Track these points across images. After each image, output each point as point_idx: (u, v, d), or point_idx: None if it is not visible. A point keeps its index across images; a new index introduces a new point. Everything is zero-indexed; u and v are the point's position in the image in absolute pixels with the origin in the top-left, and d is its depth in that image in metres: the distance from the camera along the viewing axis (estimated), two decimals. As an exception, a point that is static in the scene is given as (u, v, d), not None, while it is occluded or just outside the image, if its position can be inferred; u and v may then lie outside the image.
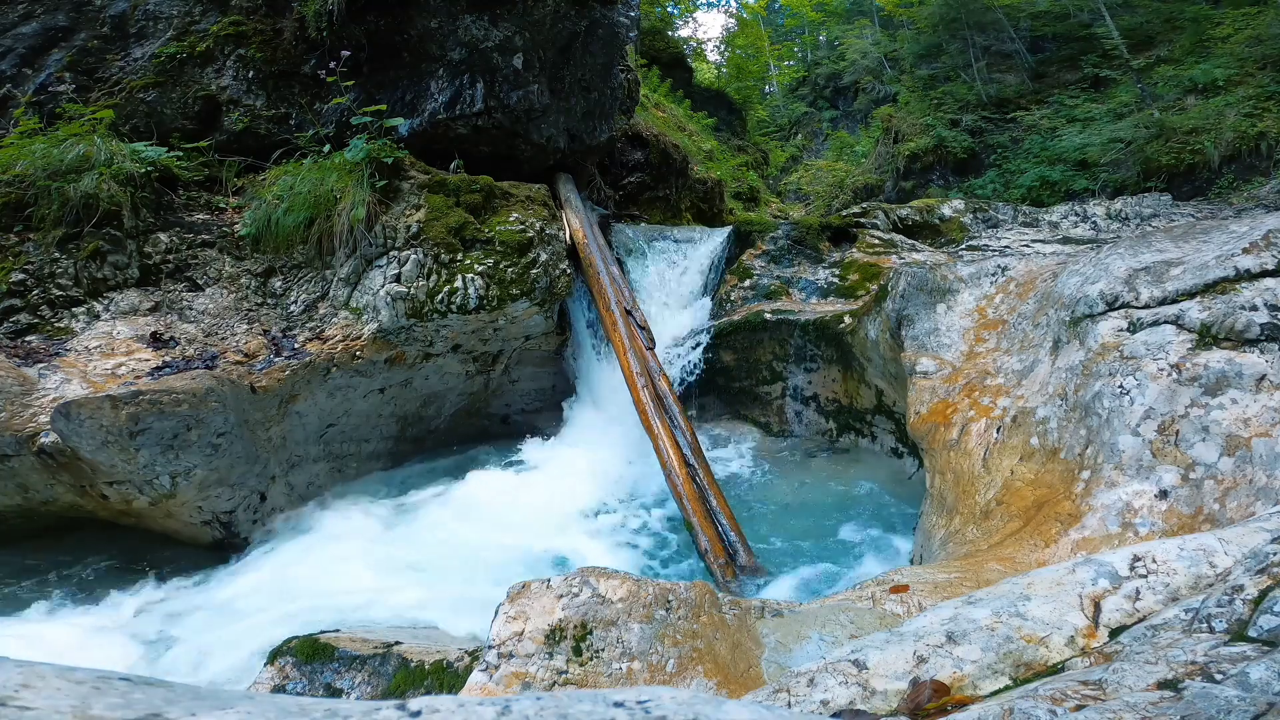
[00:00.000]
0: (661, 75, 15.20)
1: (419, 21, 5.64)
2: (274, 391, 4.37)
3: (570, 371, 6.00)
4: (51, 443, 3.56)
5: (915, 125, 15.47)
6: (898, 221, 7.63)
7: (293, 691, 2.64)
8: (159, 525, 4.09)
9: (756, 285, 6.21)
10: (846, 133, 24.48)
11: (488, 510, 4.55)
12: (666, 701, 0.49)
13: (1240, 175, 9.91)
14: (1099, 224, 7.99)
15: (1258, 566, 1.28)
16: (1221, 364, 2.50)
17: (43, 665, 0.48)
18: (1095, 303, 3.08)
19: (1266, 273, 2.74)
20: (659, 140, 8.61)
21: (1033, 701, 1.04)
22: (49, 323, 4.24)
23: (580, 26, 6.32)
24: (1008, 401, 3.24)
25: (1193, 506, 2.27)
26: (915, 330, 4.09)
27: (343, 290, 4.94)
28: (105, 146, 4.65)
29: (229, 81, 5.55)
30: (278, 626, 3.22)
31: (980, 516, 2.91)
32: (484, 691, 1.80)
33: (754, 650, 1.97)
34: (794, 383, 5.55)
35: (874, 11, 24.88)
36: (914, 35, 18.95)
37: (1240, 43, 11.54)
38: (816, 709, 1.30)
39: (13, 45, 5.43)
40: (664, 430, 4.56)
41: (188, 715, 0.45)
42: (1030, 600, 1.48)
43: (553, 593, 1.99)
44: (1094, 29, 13.90)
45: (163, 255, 4.73)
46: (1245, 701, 0.87)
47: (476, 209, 5.31)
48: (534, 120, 6.20)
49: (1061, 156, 12.33)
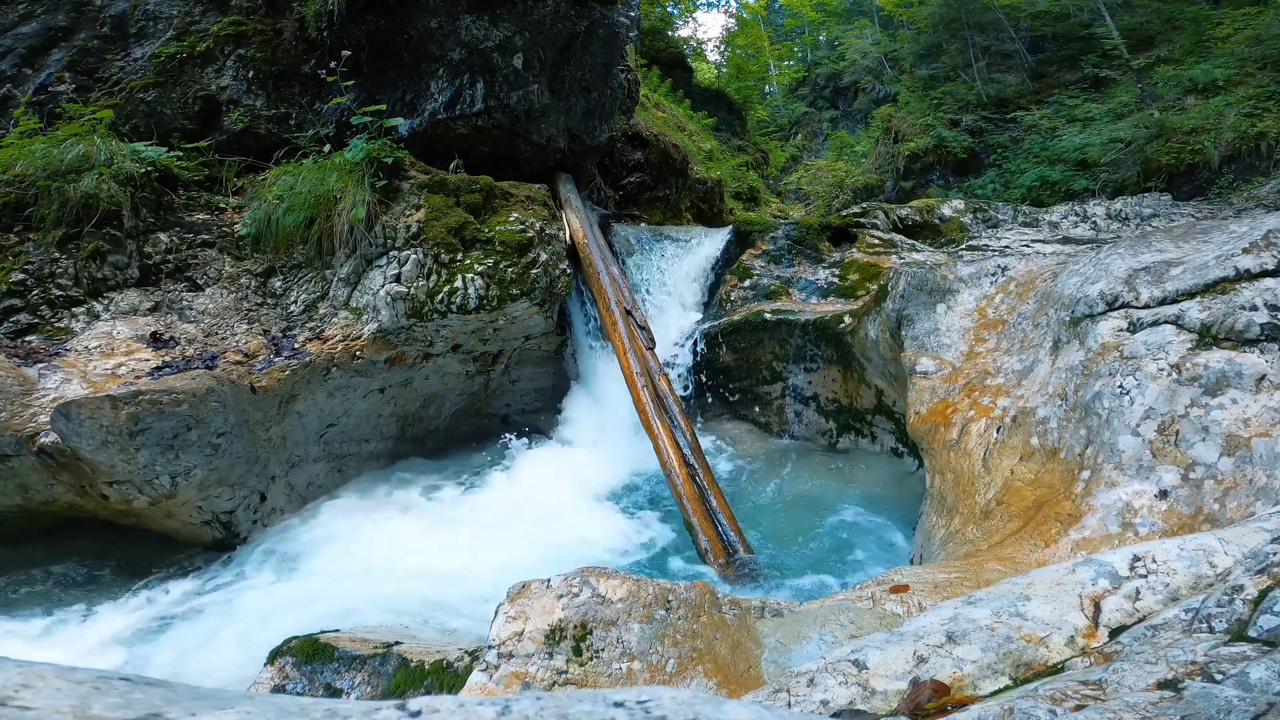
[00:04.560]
0: (661, 75, 15.20)
1: (419, 21, 5.64)
2: (274, 391, 4.37)
3: (570, 372, 6.01)
4: (51, 443, 3.56)
5: (915, 125, 15.46)
6: (898, 221, 7.63)
7: (293, 691, 2.64)
8: (159, 525, 4.09)
9: (756, 285, 6.21)
10: (846, 133, 24.49)
11: (487, 510, 4.55)
12: (666, 701, 0.49)
13: (1240, 175, 9.90)
14: (1099, 224, 7.99)
15: (1258, 566, 1.28)
16: (1221, 364, 2.50)
17: (43, 665, 0.48)
18: (1095, 303, 3.08)
19: (1266, 273, 2.73)
20: (659, 140, 8.61)
21: (1033, 701, 1.04)
22: (49, 323, 4.24)
23: (580, 26, 6.32)
24: (1008, 401, 3.24)
25: (1193, 506, 2.27)
26: (915, 330, 4.09)
27: (343, 290, 4.94)
28: (105, 146, 4.65)
29: (229, 81, 5.55)
30: (277, 626, 3.22)
31: (980, 516, 2.91)
32: (484, 691, 1.79)
33: (754, 650, 1.97)
34: (794, 383, 5.55)
35: (874, 11, 24.88)
36: (914, 35, 18.94)
37: (1240, 43, 11.54)
38: (816, 709, 1.30)
39: (13, 45, 5.43)
40: (664, 430, 4.56)
41: (188, 715, 0.45)
42: (1030, 600, 1.48)
43: (553, 592, 1.99)
44: (1094, 29, 13.89)
45: (163, 255, 4.73)
46: (1245, 701, 0.87)
47: (476, 209, 5.31)
48: (534, 120, 6.20)
49: (1061, 156, 12.32)
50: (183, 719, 0.45)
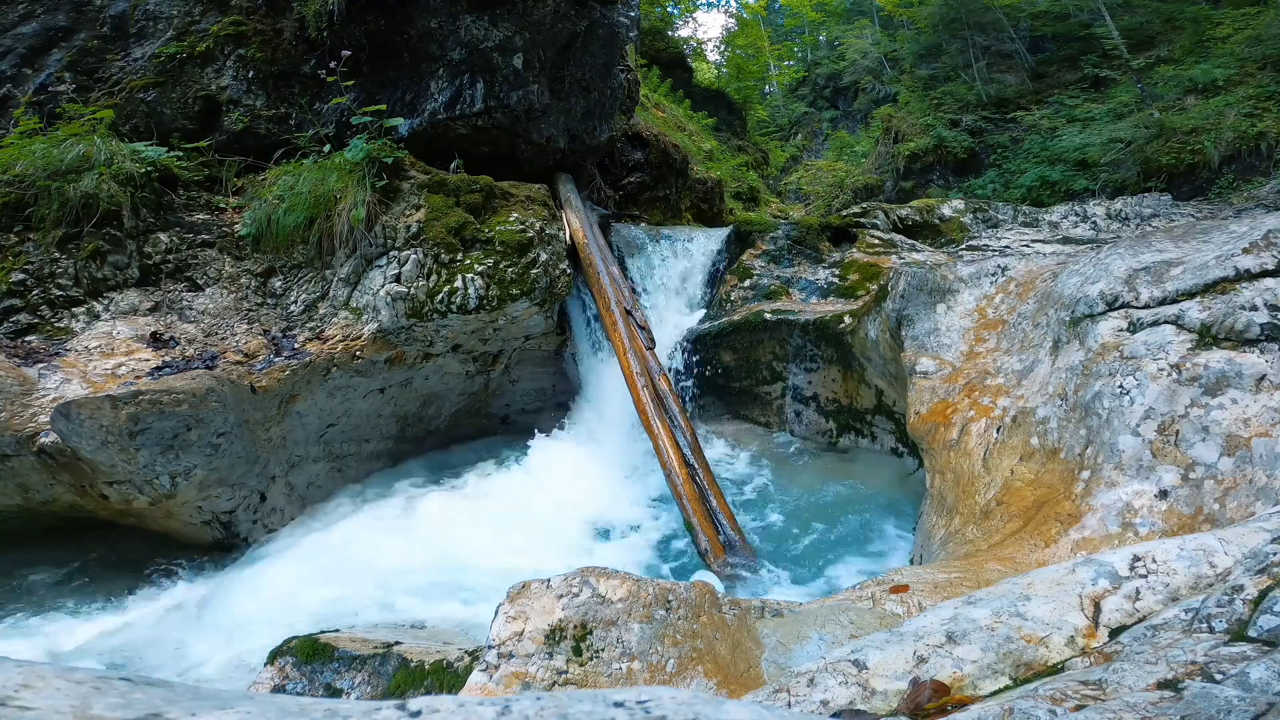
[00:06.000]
0: (661, 75, 15.20)
1: (419, 21, 5.64)
2: (274, 391, 4.37)
3: (571, 372, 6.00)
4: (51, 443, 3.56)
5: (915, 125, 15.46)
6: (898, 221, 7.63)
7: (293, 691, 2.64)
8: (159, 525, 4.09)
9: (756, 285, 6.21)
10: (846, 133, 24.48)
11: (486, 510, 4.55)
12: (666, 701, 0.49)
13: (1240, 175, 9.90)
14: (1099, 224, 7.98)
15: (1258, 566, 1.28)
16: (1221, 364, 2.50)
17: (43, 665, 0.48)
18: (1095, 303, 3.08)
19: (1266, 273, 2.73)
20: (659, 140, 8.61)
21: (1033, 701, 1.04)
22: (49, 323, 4.24)
23: (580, 26, 6.32)
24: (1008, 401, 3.24)
25: (1193, 506, 2.27)
26: (915, 330, 4.09)
27: (343, 290, 4.94)
28: (105, 146, 4.65)
29: (229, 81, 5.55)
30: (277, 626, 3.22)
31: (980, 516, 2.91)
32: (484, 691, 1.79)
33: (754, 650, 1.97)
34: (794, 383, 5.55)
35: (874, 11, 24.88)
36: (914, 35, 18.95)
37: (1240, 43, 11.54)
38: (816, 709, 1.30)
39: (13, 45, 5.43)
40: (664, 430, 4.56)
41: (188, 715, 0.45)
42: (1030, 600, 1.48)
43: (553, 593, 1.99)
44: (1094, 29, 13.89)
45: (163, 255, 4.73)
46: (1245, 701, 0.87)
47: (476, 209, 5.31)
48: (534, 120, 6.20)
49: (1061, 156, 12.32)
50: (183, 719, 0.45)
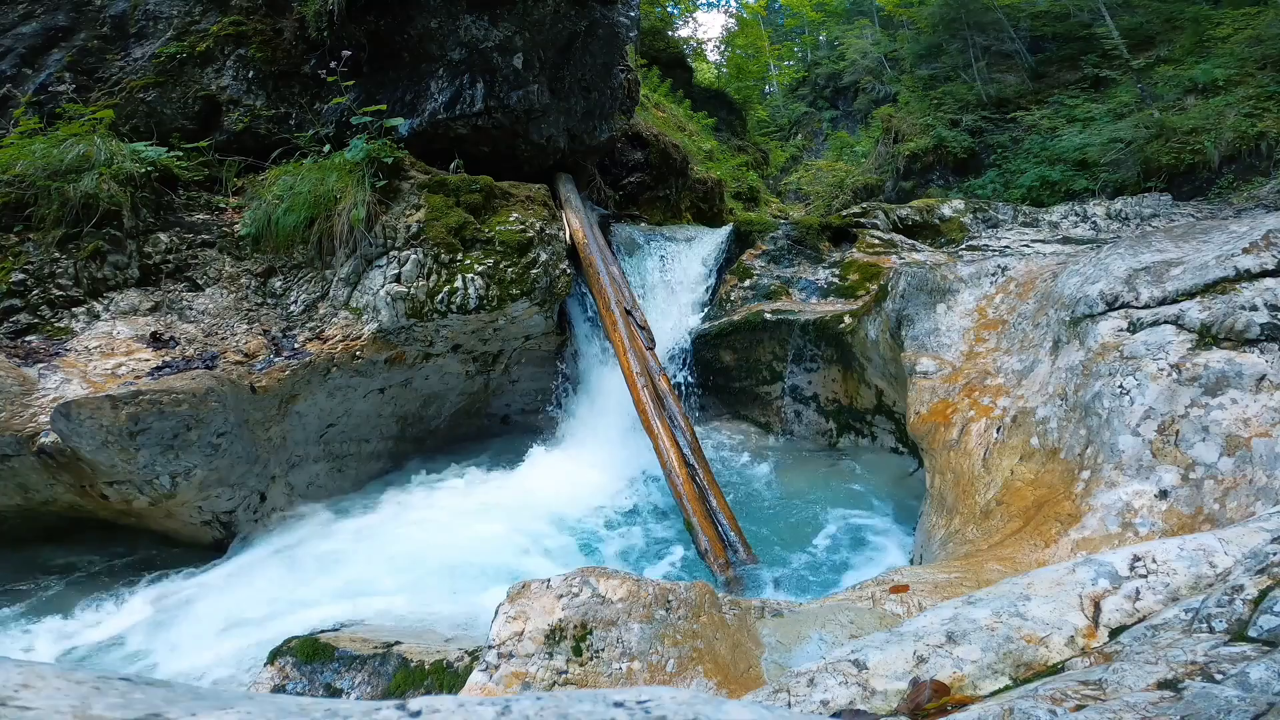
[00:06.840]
0: (661, 75, 15.19)
1: (419, 21, 5.64)
2: (274, 391, 4.37)
3: (570, 371, 6.00)
4: (51, 443, 3.56)
5: (915, 125, 15.45)
6: (898, 221, 7.63)
7: (293, 691, 2.64)
8: (159, 525, 4.09)
9: (756, 285, 6.21)
10: (846, 133, 24.46)
11: (487, 509, 4.55)
12: (666, 701, 0.49)
13: (1240, 175, 9.90)
14: (1099, 224, 7.99)
15: (1258, 566, 1.28)
16: (1221, 364, 2.50)
17: (43, 665, 0.48)
18: (1095, 303, 3.08)
19: (1266, 273, 2.73)
20: (659, 140, 8.61)
21: (1033, 701, 1.04)
22: (49, 323, 4.24)
23: (580, 26, 6.32)
24: (1008, 401, 3.24)
25: (1193, 506, 2.27)
26: (915, 330, 4.09)
27: (343, 290, 4.94)
28: (105, 146, 4.65)
29: (229, 81, 5.55)
30: (277, 626, 3.23)
31: (980, 516, 2.91)
32: (484, 691, 1.79)
33: (754, 650, 1.97)
34: (794, 383, 5.55)
35: (874, 11, 24.87)
36: (914, 35, 18.94)
37: (1240, 43, 11.54)
38: (816, 709, 1.30)
39: (13, 45, 5.43)
40: (664, 430, 4.56)
41: (188, 715, 0.45)
42: (1030, 600, 1.48)
43: (553, 592, 1.99)
44: (1094, 29, 13.89)
45: (163, 255, 4.73)
46: (1245, 701, 0.87)
47: (476, 209, 5.31)
48: (534, 120, 6.20)
49: (1061, 156, 12.32)
50: (183, 719, 0.45)
